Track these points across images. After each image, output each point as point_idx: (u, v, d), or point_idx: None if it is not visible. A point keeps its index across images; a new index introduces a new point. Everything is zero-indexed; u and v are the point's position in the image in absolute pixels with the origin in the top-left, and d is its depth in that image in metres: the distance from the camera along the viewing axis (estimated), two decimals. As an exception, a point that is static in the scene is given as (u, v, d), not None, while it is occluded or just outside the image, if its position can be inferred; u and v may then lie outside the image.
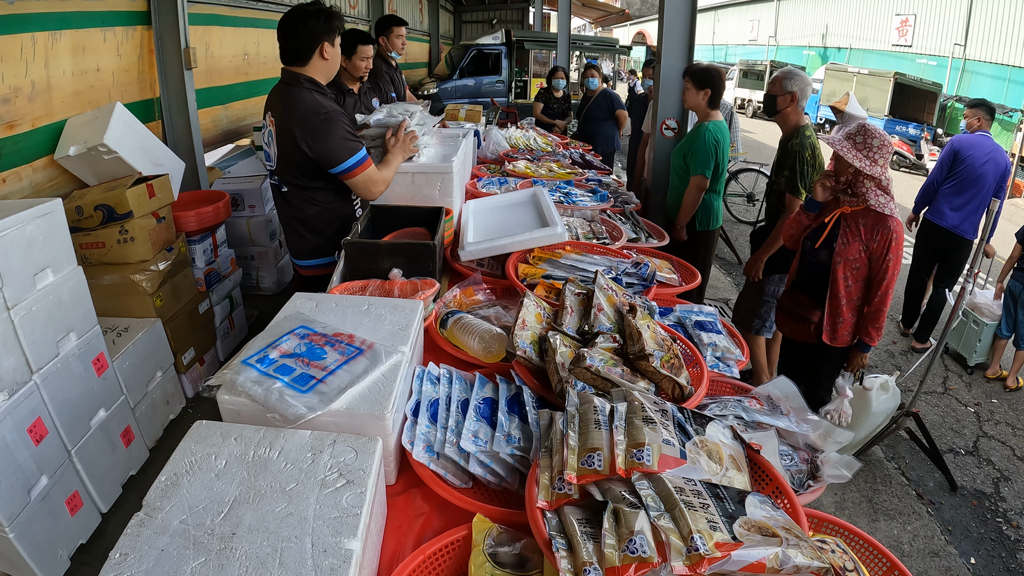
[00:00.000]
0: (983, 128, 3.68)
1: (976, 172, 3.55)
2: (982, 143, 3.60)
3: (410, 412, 1.11)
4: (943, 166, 3.70)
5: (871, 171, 1.94)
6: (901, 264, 2.06)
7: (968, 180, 3.57)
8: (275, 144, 1.88)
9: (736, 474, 0.93)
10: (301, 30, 1.79)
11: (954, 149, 3.66)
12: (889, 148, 1.98)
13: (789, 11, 20.43)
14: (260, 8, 4.69)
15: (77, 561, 1.99)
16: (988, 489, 2.71)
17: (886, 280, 2.04)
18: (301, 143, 1.80)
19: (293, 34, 1.80)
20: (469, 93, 10.21)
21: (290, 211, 2.01)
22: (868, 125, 2.02)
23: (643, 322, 1.25)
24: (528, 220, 2.05)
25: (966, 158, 3.59)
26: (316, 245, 2.04)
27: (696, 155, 2.79)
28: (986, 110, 3.70)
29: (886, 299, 2.07)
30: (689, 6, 2.96)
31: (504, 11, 15.26)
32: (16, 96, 2.37)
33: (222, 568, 0.71)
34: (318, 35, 1.80)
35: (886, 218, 2.01)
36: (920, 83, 11.73)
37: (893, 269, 2.04)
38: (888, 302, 2.08)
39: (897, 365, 3.76)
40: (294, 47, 1.82)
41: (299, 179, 1.91)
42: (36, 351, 1.84)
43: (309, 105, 1.80)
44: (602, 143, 5.55)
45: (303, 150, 1.81)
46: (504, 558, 0.86)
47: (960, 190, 3.61)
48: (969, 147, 3.61)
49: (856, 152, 1.95)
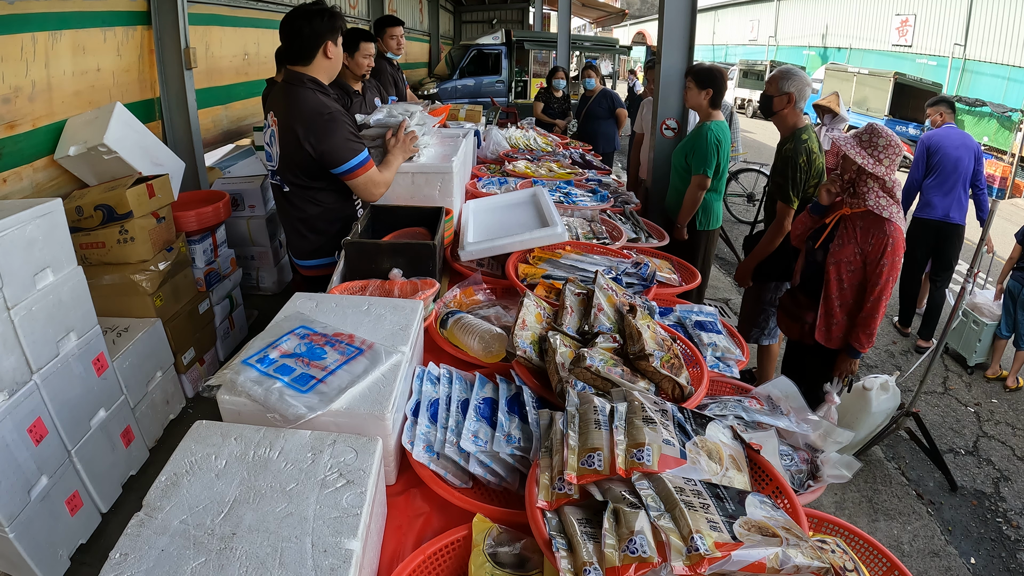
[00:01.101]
0: (947, 121, 3.81)
1: (952, 160, 3.66)
2: (950, 133, 3.74)
3: (410, 412, 1.11)
4: (919, 163, 3.79)
5: (874, 169, 1.91)
6: (898, 271, 2.01)
7: (947, 169, 3.67)
8: (277, 144, 1.88)
9: (736, 474, 0.93)
10: (305, 29, 1.78)
11: (926, 145, 3.77)
12: (896, 150, 1.94)
13: (789, 11, 20.41)
14: (260, 8, 4.69)
15: (77, 561, 1.99)
16: (988, 489, 2.71)
17: (879, 286, 2.00)
18: (304, 143, 1.80)
19: (297, 33, 1.79)
20: (469, 93, 10.22)
21: (292, 211, 2.01)
22: (877, 125, 1.98)
23: (643, 322, 1.25)
24: (528, 220, 2.05)
25: (939, 149, 3.70)
26: (318, 245, 2.04)
27: (698, 154, 2.80)
28: (946, 105, 3.86)
29: (879, 305, 2.02)
30: (689, 6, 2.96)
31: (504, 11, 15.25)
32: (17, 96, 2.37)
33: (222, 568, 0.71)
34: (322, 34, 1.79)
35: (884, 222, 1.97)
36: (920, 83, 11.71)
37: (888, 275, 1.99)
38: (880, 309, 2.02)
39: (897, 365, 3.76)
40: (298, 47, 1.82)
41: (301, 179, 1.91)
42: (36, 351, 1.84)
43: (313, 105, 1.79)
44: (603, 142, 5.55)
45: (306, 150, 1.81)
46: (504, 558, 0.86)
47: (942, 180, 3.70)
48: (940, 139, 3.73)
49: (860, 149, 1.93)
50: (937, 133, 3.78)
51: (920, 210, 3.83)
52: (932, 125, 3.89)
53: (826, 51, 18.19)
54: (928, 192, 3.77)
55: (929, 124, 3.94)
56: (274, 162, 1.94)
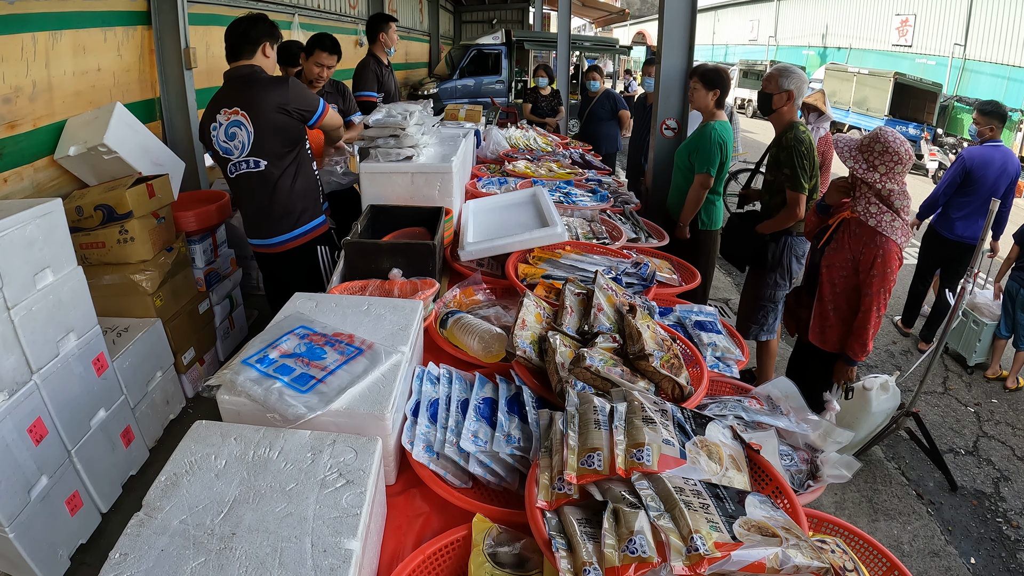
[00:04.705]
0: (995, 137, 3.49)
1: (988, 187, 3.42)
2: (993, 158, 3.43)
3: (410, 412, 1.11)
4: (953, 184, 3.51)
5: (865, 175, 1.87)
6: (892, 283, 1.93)
7: (979, 196, 3.44)
8: (249, 125, 2.12)
9: (736, 474, 0.93)
10: (251, 31, 2.15)
11: (966, 168, 3.46)
12: (896, 158, 1.84)
13: (789, 11, 20.42)
14: (260, 8, 4.69)
15: (77, 561, 1.99)
16: (988, 489, 2.71)
17: (870, 297, 1.92)
18: (279, 111, 2.10)
19: (243, 34, 2.14)
20: (469, 93, 10.21)
21: (270, 185, 2.21)
22: (886, 131, 1.90)
23: (643, 322, 1.25)
24: (528, 220, 2.05)
25: (979, 178, 3.43)
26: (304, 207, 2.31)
27: (701, 153, 2.80)
28: (999, 118, 3.50)
29: (869, 317, 1.95)
30: (689, 6, 2.96)
31: (504, 11, 15.24)
32: (17, 96, 2.37)
33: (222, 568, 0.71)
34: (262, 35, 2.17)
35: (876, 234, 1.89)
36: (920, 83, 11.72)
37: (879, 286, 1.91)
38: (871, 320, 1.96)
39: (897, 365, 3.76)
40: (243, 44, 2.15)
41: (278, 149, 2.18)
42: (36, 351, 1.84)
43: (273, 78, 2.17)
44: (605, 143, 5.55)
45: (281, 114, 2.11)
46: (504, 558, 0.86)
47: (971, 205, 3.48)
48: (982, 165, 3.43)
49: (854, 153, 1.91)
50: (980, 154, 3.45)
51: (939, 223, 3.66)
52: (978, 136, 3.54)
53: (826, 51, 18.20)
54: (952, 209, 3.55)
55: (975, 132, 3.58)
56: (242, 150, 2.15)
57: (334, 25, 6.62)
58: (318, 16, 6.13)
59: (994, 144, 3.49)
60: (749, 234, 2.74)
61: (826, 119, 3.89)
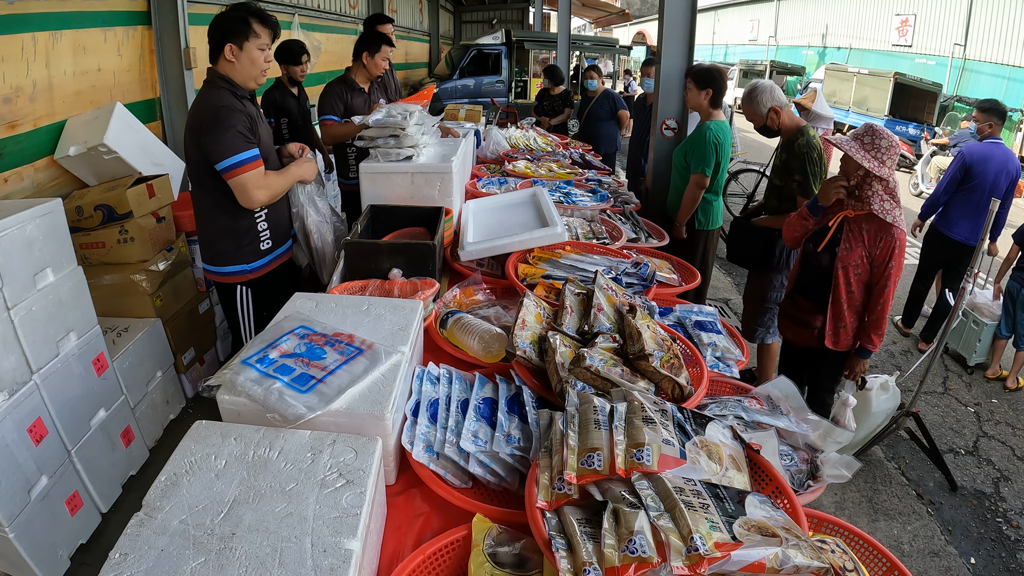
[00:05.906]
0: (995, 135, 3.52)
1: (988, 186, 3.44)
2: (993, 155, 3.46)
3: (410, 412, 1.11)
4: (954, 181, 3.54)
5: (880, 172, 1.92)
6: (902, 271, 2.05)
7: (980, 194, 3.45)
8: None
9: (736, 474, 0.93)
10: (213, 31, 1.83)
11: (965, 164, 3.50)
12: (897, 150, 1.95)
13: (789, 11, 20.42)
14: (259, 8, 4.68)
15: (77, 561, 1.99)
16: (988, 489, 2.71)
17: (887, 288, 2.02)
18: (196, 136, 1.80)
19: (209, 34, 1.84)
20: (469, 93, 10.21)
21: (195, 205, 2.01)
22: (876, 126, 1.99)
23: (643, 322, 1.25)
24: (528, 220, 2.05)
25: (978, 174, 3.45)
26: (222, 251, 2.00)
27: (697, 153, 2.80)
28: (998, 115, 3.54)
29: (887, 306, 2.05)
30: (689, 6, 2.96)
31: (504, 11, 15.25)
32: (17, 96, 2.37)
33: (222, 568, 0.71)
34: (223, 36, 1.81)
35: (890, 226, 1.98)
36: (920, 83, 11.71)
37: (895, 276, 2.02)
38: (889, 308, 2.06)
39: (897, 365, 3.76)
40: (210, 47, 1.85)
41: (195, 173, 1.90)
42: (36, 351, 1.84)
43: (211, 100, 1.80)
44: (604, 143, 5.55)
45: (196, 144, 1.81)
46: (504, 558, 0.86)
47: (972, 203, 3.50)
48: (981, 161, 3.46)
49: (865, 153, 1.92)
50: (980, 152, 3.49)
51: (940, 222, 3.67)
52: (978, 133, 3.59)
53: (826, 51, 18.20)
54: (953, 207, 3.57)
55: (974, 129, 3.59)
56: None
57: (334, 25, 6.61)
58: (318, 16, 6.11)
59: (994, 141, 3.52)
60: (755, 233, 2.74)
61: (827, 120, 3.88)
